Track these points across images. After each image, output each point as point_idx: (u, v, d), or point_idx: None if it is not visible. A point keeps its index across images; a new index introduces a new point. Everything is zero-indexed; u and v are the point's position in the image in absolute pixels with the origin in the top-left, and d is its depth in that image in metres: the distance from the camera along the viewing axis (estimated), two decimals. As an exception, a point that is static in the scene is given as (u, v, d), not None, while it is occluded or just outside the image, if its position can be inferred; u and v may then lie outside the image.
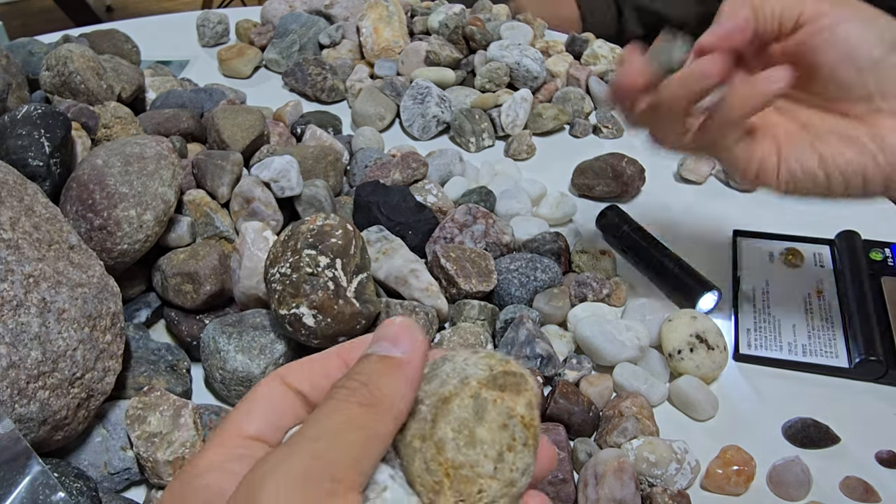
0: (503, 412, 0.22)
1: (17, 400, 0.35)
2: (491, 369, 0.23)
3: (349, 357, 0.25)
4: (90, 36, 0.78)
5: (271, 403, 0.24)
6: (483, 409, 0.22)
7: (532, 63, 0.75)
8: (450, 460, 0.22)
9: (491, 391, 0.23)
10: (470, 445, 0.22)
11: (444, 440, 0.22)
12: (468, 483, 0.22)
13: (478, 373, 0.23)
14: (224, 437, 0.23)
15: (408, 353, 0.22)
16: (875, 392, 0.47)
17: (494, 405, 0.22)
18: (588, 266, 0.55)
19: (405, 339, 0.23)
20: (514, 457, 0.22)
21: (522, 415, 0.23)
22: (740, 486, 0.41)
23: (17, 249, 0.38)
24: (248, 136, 0.62)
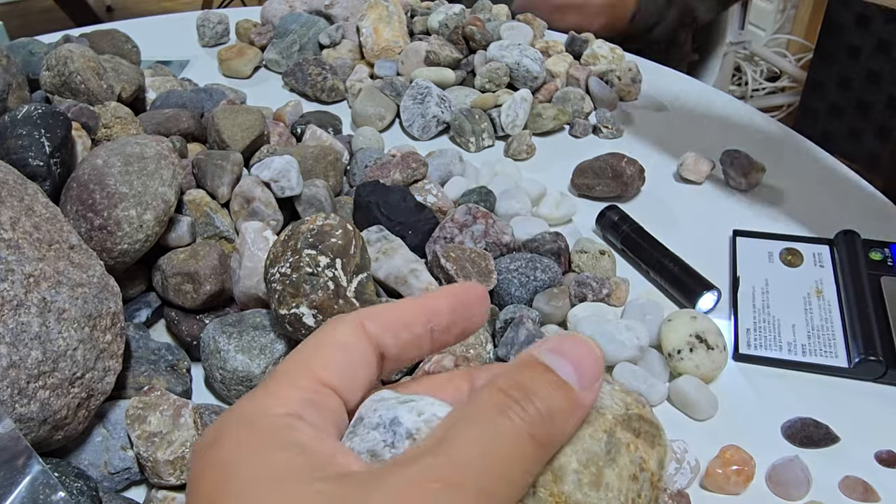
0: (636, 461, 0.19)
1: (18, 399, 0.36)
2: (627, 407, 0.20)
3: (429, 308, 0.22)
4: (90, 36, 0.78)
5: (349, 354, 0.21)
6: (616, 449, 0.19)
7: (532, 63, 0.75)
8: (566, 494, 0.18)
9: (626, 433, 0.19)
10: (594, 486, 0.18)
11: (565, 469, 0.19)
12: None
13: (614, 406, 0.20)
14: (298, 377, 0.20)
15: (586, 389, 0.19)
16: (875, 392, 0.47)
17: (628, 450, 0.19)
18: (588, 266, 0.55)
19: (589, 370, 0.19)
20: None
21: (653, 471, 0.19)
22: (740, 485, 0.41)
23: (17, 249, 0.38)
24: (248, 136, 0.62)
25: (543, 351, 0.20)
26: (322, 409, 0.19)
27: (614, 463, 0.19)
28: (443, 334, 0.22)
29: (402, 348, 0.22)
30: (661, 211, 0.64)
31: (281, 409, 0.19)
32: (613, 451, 0.19)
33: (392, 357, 0.22)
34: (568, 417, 0.19)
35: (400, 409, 0.20)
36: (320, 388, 0.20)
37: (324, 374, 0.20)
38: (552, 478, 0.18)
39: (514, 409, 0.18)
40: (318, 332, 0.22)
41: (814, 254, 0.57)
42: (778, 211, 0.64)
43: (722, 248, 0.60)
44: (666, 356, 0.48)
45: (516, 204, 0.60)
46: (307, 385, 0.20)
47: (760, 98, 2.20)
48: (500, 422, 0.18)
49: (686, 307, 0.53)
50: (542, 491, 0.18)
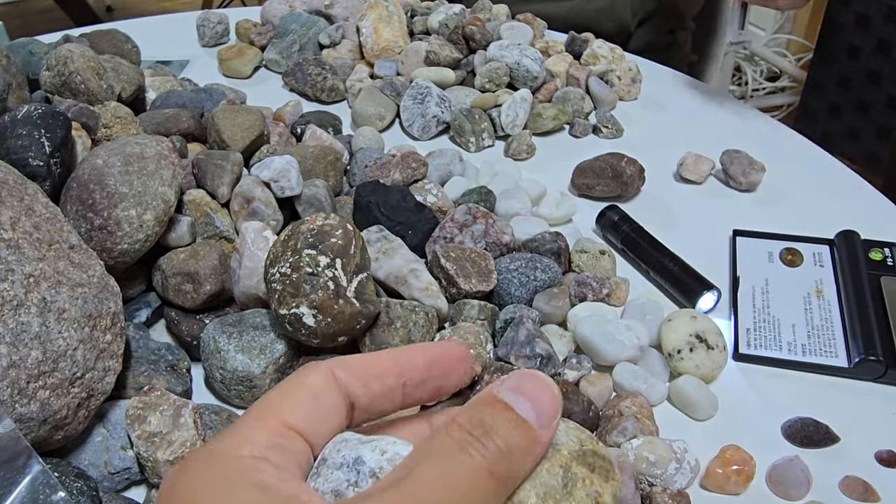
0: (592, 494, 0.20)
1: (18, 399, 0.36)
2: (581, 444, 0.21)
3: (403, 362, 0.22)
4: (90, 36, 0.78)
5: (318, 399, 0.21)
6: (573, 483, 0.20)
7: (532, 63, 0.75)
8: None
9: (582, 468, 0.20)
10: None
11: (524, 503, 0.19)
12: None
13: (569, 443, 0.21)
14: (266, 421, 0.20)
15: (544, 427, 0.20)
16: (875, 392, 0.47)
17: (584, 484, 0.20)
18: (588, 266, 0.55)
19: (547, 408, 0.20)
20: None
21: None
22: (740, 485, 0.41)
23: (17, 249, 0.38)
24: (248, 136, 0.62)
25: (504, 389, 0.20)
26: (287, 452, 0.20)
27: (571, 496, 0.20)
28: (416, 390, 0.22)
29: (373, 399, 0.22)
30: (661, 211, 0.64)
31: (248, 450, 0.19)
32: (570, 485, 0.20)
33: (362, 407, 0.22)
34: (526, 454, 0.19)
35: (363, 449, 0.20)
36: (286, 432, 0.20)
37: (290, 418, 0.21)
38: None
39: (474, 445, 0.18)
40: (291, 377, 0.22)
41: (814, 254, 0.57)
42: (778, 211, 0.64)
43: (722, 248, 0.60)
44: (666, 356, 0.48)
45: (516, 204, 0.60)
46: (274, 428, 0.20)
47: (760, 98, 2.20)
48: (460, 458, 0.18)
49: (686, 307, 0.53)
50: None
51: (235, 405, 0.46)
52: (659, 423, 0.44)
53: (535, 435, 0.19)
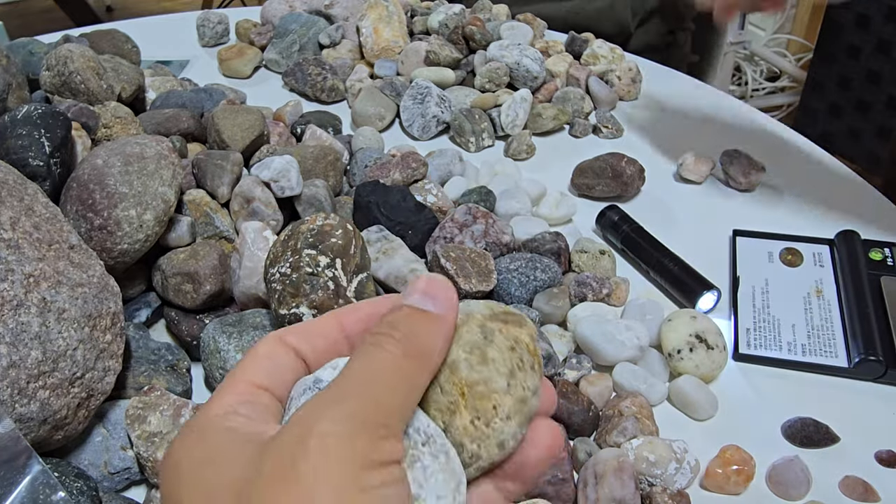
0: (510, 337, 0.23)
1: (18, 399, 0.35)
2: (492, 309, 0.25)
3: (345, 320, 0.25)
4: (90, 36, 0.78)
5: (274, 360, 0.24)
6: (491, 334, 0.23)
7: (532, 63, 0.75)
8: (464, 378, 0.22)
9: (496, 323, 0.24)
10: (482, 363, 0.23)
11: (456, 361, 0.23)
12: (483, 399, 0.22)
13: (480, 309, 0.24)
14: (233, 385, 0.23)
15: (443, 309, 0.23)
16: (875, 392, 0.47)
17: (500, 332, 0.23)
18: (588, 266, 0.55)
19: (440, 294, 0.23)
20: (524, 375, 0.23)
21: (527, 342, 0.24)
22: (740, 485, 0.41)
23: (17, 249, 0.38)
24: (248, 136, 0.62)
25: (402, 296, 0.24)
26: (257, 405, 0.22)
27: (492, 343, 0.23)
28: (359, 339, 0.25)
29: (320, 354, 0.25)
30: (661, 211, 0.64)
31: (219, 410, 0.22)
32: (489, 336, 0.23)
33: (313, 361, 0.25)
34: (432, 332, 0.22)
35: (319, 372, 0.23)
36: (254, 390, 0.23)
37: (254, 378, 0.23)
38: (449, 371, 0.23)
39: (384, 339, 0.22)
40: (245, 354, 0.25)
41: (814, 254, 0.57)
42: (778, 211, 0.64)
43: (722, 248, 0.59)
44: (666, 356, 0.48)
45: (516, 204, 0.60)
46: (242, 389, 0.23)
47: (760, 98, 2.20)
48: (374, 352, 0.22)
49: (686, 307, 0.53)
50: (445, 385, 0.23)
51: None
52: (659, 423, 0.44)
53: (434, 316, 0.23)
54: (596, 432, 0.44)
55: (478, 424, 0.22)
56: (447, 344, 0.23)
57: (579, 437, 0.44)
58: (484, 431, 0.22)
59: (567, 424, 0.43)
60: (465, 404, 0.22)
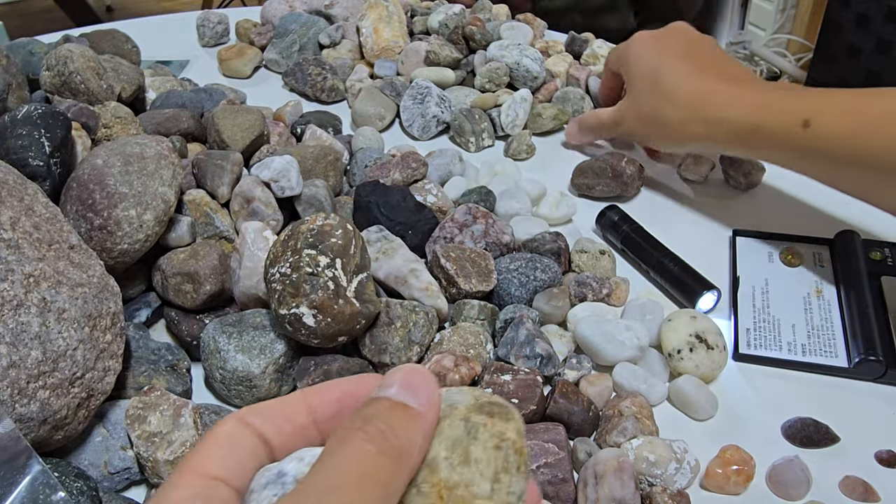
0: (495, 434, 0.22)
1: (18, 399, 0.36)
2: (476, 399, 0.23)
3: (314, 401, 0.24)
4: (90, 36, 0.78)
5: (233, 444, 0.22)
6: (475, 430, 0.22)
7: (532, 63, 0.75)
8: (443, 480, 0.21)
9: (480, 416, 0.22)
10: (465, 464, 0.21)
11: (436, 459, 0.21)
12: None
13: (465, 400, 0.23)
14: (183, 478, 0.21)
15: (424, 405, 0.21)
16: (875, 392, 0.47)
17: (486, 428, 0.22)
18: (588, 266, 0.55)
19: (422, 388, 0.22)
20: (509, 479, 0.21)
21: (514, 440, 0.22)
22: (740, 485, 0.41)
23: (17, 249, 0.38)
24: (248, 136, 0.62)
25: (378, 388, 0.22)
26: (210, 499, 0.21)
27: (476, 440, 0.21)
28: (330, 423, 0.24)
29: (287, 439, 0.23)
30: (661, 211, 0.64)
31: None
32: (473, 432, 0.21)
33: (278, 447, 0.23)
34: (411, 429, 0.21)
35: (284, 464, 0.22)
36: (208, 482, 0.21)
37: (209, 468, 0.22)
38: (428, 471, 0.21)
39: (358, 435, 0.20)
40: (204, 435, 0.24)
41: (814, 253, 0.57)
42: (778, 211, 0.64)
43: (722, 248, 0.59)
44: (666, 356, 0.48)
45: (516, 204, 0.60)
46: (192, 482, 0.21)
47: (760, 98, 2.19)
48: (345, 449, 0.20)
49: (686, 307, 0.53)
50: (424, 485, 0.21)
51: (235, 405, 0.46)
52: (659, 423, 0.44)
53: (415, 411, 0.21)
54: (596, 432, 0.44)
55: None
56: (427, 442, 0.21)
57: (579, 437, 0.44)
58: None
59: (567, 424, 0.43)
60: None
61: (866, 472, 0.42)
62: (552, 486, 0.40)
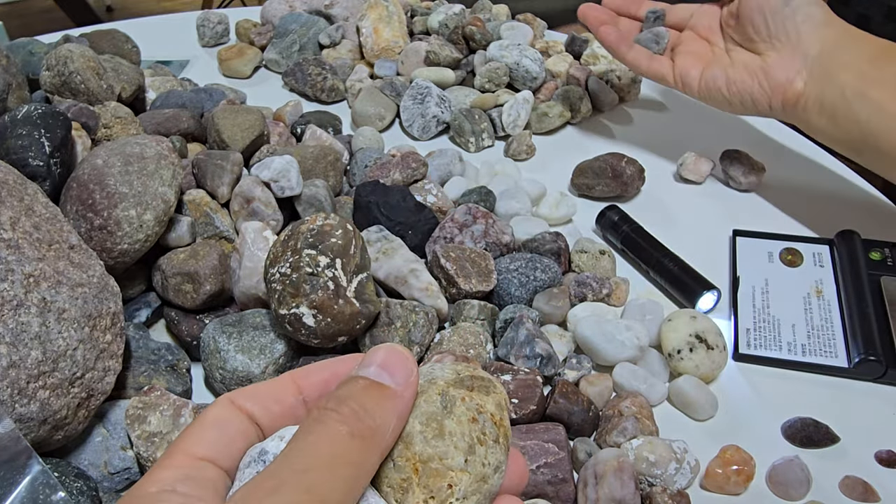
0: (472, 407, 0.22)
1: (18, 399, 0.36)
2: (458, 373, 0.23)
3: (303, 382, 0.24)
4: (90, 36, 0.78)
5: (221, 426, 0.23)
6: (451, 403, 0.22)
7: (531, 63, 0.75)
8: (417, 454, 0.21)
9: (459, 389, 0.22)
10: (439, 437, 0.21)
11: (411, 434, 0.21)
12: (438, 477, 0.21)
13: (445, 375, 0.23)
14: (172, 458, 0.22)
15: (401, 384, 0.21)
16: (875, 392, 0.47)
17: (463, 401, 0.22)
18: (588, 266, 0.55)
19: (399, 368, 0.22)
20: (485, 451, 0.21)
21: (492, 412, 0.22)
22: (740, 485, 0.41)
23: (17, 249, 0.38)
24: (248, 136, 0.62)
25: (358, 367, 0.22)
26: (199, 480, 0.21)
27: (451, 414, 0.21)
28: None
29: (275, 419, 0.23)
30: (661, 211, 0.64)
31: (153, 487, 0.21)
32: (449, 406, 0.22)
33: (267, 426, 0.23)
34: (385, 409, 0.21)
35: (265, 443, 0.22)
36: (196, 463, 0.22)
37: (197, 449, 0.22)
38: (404, 446, 0.21)
39: (330, 416, 0.20)
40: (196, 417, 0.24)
41: (814, 254, 0.57)
42: (778, 211, 0.64)
43: (722, 248, 0.59)
44: (666, 356, 0.48)
45: (516, 204, 0.60)
46: (182, 462, 0.21)
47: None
48: (318, 429, 0.20)
49: (686, 307, 0.53)
50: (399, 460, 0.21)
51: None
52: (659, 423, 0.44)
53: (391, 391, 0.21)
54: (596, 432, 0.44)
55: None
56: (402, 421, 0.21)
57: (579, 437, 0.44)
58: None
59: (567, 424, 0.43)
60: (418, 482, 0.21)
61: (866, 472, 0.42)
62: (552, 486, 0.40)
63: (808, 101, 0.55)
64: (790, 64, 0.55)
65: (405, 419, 0.22)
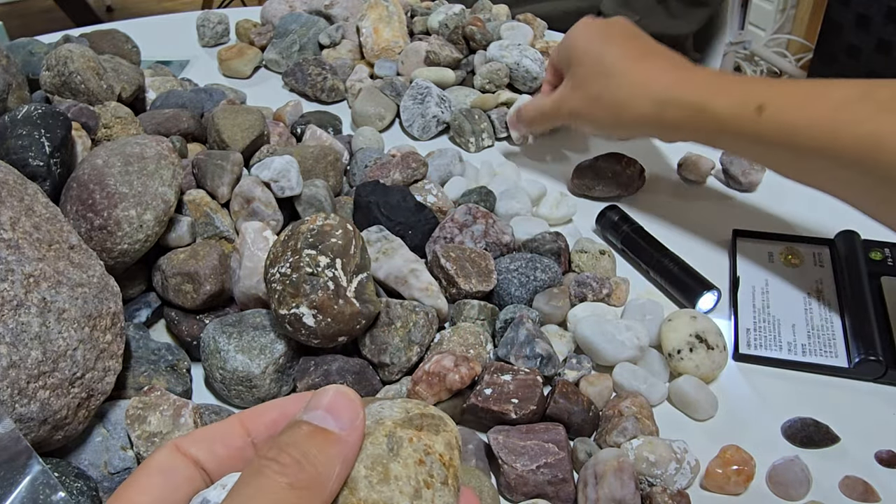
0: (420, 448, 0.21)
1: (18, 399, 0.35)
2: (407, 412, 0.23)
3: (251, 424, 0.24)
4: (90, 36, 0.78)
5: (166, 473, 0.22)
6: (398, 445, 0.21)
7: (531, 63, 0.75)
8: (363, 500, 0.20)
9: (407, 430, 0.22)
10: (384, 482, 0.21)
11: (356, 479, 0.21)
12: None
13: (393, 414, 0.22)
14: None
15: (346, 428, 0.21)
16: (875, 392, 0.47)
17: (410, 443, 0.21)
18: (588, 266, 0.55)
19: (344, 412, 0.21)
20: (432, 494, 0.21)
21: (441, 453, 0.22)
22: (740, 485, 0.41)
23: (17, 249, 0.38)
24: (248, 136, 0.62)
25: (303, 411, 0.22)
26: None
27: (397, 456, 0.21)
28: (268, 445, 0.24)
29: (222, 461, 0.23)
30: (661, 211, 0.64)
31: None
32: (396, 447, 0.21)
33: (214, 471, 0.23)
34: (329, 456, 0.20)
35: (207, 492, 0.22)
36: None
37: (141, 499, 0.21)
38: (349, 491, 0.20)
39: (270, 466, 0.20)
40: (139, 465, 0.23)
41: (814, 254, 0.57)
42: (778, 211, 0.64)
43: (722, 247, 0.59)
44: (666, 356, 0.48)
45: (516, 204, 0.60)
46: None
47: (760, 98, 2.19)
48: (257, 482, 0.19)
49: (686, 307, 0.53)
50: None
51: (235, 405, 0.46)
52: (659, 423, 0.44)
53: (334, 437, 0.21)
54: (596, 432, 0.44)
55: None
56: (347, 467, 0.21)
57: (579, 437, 0.44)
58: None
59: (567, 424, 0.43)
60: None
61: (866, 472, 0.42)
62: (552, 486, 0.40)
63: None
64: None
65: (351, 464, 0.21)
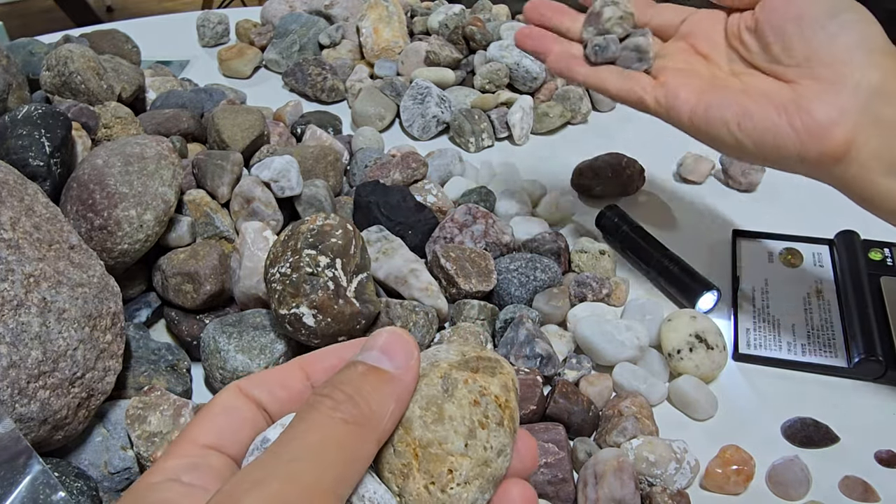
0: (475, 390, 0.21)
1: (18, 399, 0.36)
2: (463, 355, 0.23)
3: (311, 369, 0.24)
4: (90, 36, 0.78)
5: (229, 413, 0.22)
6: (453, 386, 0.21)
7: (531, 63, 0.75)
8: (417, 439, 0.21)
9: (462, 372, 0.22)
10: (438, 421, 0.21)
11: (411, 419, 0.21)
12: (437, 462, 0.20)
13: (449, 357, 0.22)
14: (179, 447, 0.21)
15: (401, 368, 0.21)
16: (875, 392, 0.47)
17: (465, 384, 0.21)
18: (588, 266, 0.55)
19: (399, 352, 0.21)
20: (487, 434, 0.21)
21: (496, 394, 0.22)
22: (740, 485, 0.41)
23: (17, 249, 0.38)
24: (248, 136, 0.62)
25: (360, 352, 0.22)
26: (204, 468, 0.21)
27: (452, 397, 0.21)
28: None
29: (283, 405, 0.23)
30: (661, 211, 0.64)
31: (158, 476, 0.20)
32: (450, 389, 0.21)
33: (275, 413, 0.23)
34: (383, 394, 0.20)
35: (268, 431, 0.22)
36: (203, 451, 0.21)
37: (204, 438, 0.22)
38: (404, 430, 0.21)
39: (324, 402, 0.20)
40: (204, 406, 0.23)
41: (814, 254, 0.57)
42: (778, 211, 0.64)
43: (722, 247, 0.59)
44: (666, 356, 0.48)
45: (516, 204, 0.60)
46: (188, 451, 0.21)
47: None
48: (310, 416, 0.20)
49: (686, 307, 0.53)
50: (399, 445, 0.21)
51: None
52: (659, 423, 0.44)
53: (389, 375, 0.21)
54: (596, 432, 0.44)
55: (432, 490, 0.20)
56: (401, 407, 0.21)
57: (579, 436, 0.44)
58: (439, 498, 0.20)
59: (567, 424, 0.43)
60: (418, 467, 0.20)
61: (866, 472, 0.42)
62: (552, 486, 0.40)
63: (862, 155, 0.38)
64: (834, 99, 0.38)
65: (405, 404, 0.21)
